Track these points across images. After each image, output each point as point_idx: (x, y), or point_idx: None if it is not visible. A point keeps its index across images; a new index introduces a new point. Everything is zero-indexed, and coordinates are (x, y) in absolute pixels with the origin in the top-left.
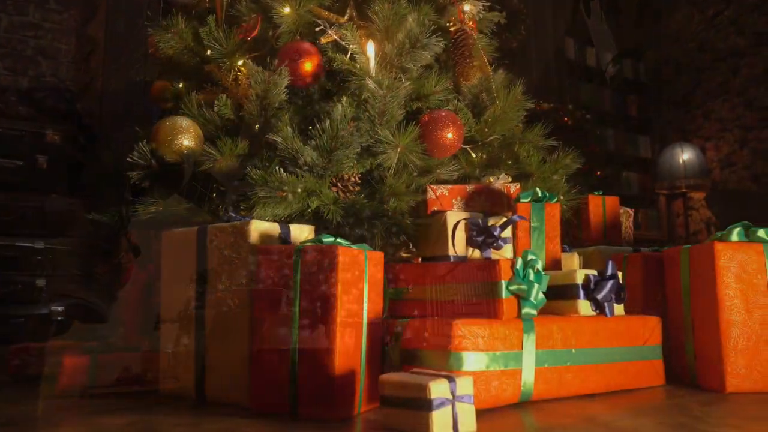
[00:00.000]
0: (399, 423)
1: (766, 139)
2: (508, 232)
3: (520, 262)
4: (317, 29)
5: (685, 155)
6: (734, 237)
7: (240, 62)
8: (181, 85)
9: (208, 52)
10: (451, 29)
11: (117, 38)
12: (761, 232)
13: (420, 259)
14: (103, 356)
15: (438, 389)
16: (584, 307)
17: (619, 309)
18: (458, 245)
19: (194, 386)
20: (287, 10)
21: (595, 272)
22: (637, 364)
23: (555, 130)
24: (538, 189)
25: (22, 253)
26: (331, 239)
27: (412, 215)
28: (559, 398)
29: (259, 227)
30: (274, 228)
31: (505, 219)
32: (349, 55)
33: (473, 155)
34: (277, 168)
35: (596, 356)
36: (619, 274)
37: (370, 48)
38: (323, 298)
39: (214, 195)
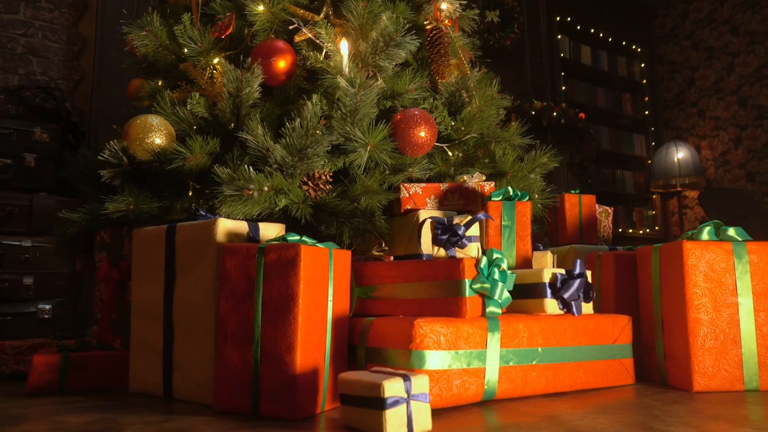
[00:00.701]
0: (356, 421)
1: (761, 138)
2: (474, 231)
3: (484, 260)
4: (291, 27)
5: (680, 154)
6: (704, 236)
7: (215, 60)
8: (160, 83)
9: (185, 51)
10: (427, 27)
11: (107, 36)
12: (731, 231)
13: (392, 258)
14: (75, 354)
15: (392, 388)
16: (551, 305)
17: (587, 308)
18: (425, 244)
19: (162, 385)
20: (261, 8)
21: (562, 271)
22: (606, 363)
23: (547, 129)
24: (509, 187)
25: (10, 251)
26: (297, 238)
27: (386, 214)
28: (525, 397)
29: (226, 226)
30: (242, 226)
31: (470, 218)
32: (324, 54)
33: (450, 153)
34: (246, 166)
35: (564, 355)
36: (588, 273)
37: (344, 46)
38: (285, 296)
39: (191, 193)
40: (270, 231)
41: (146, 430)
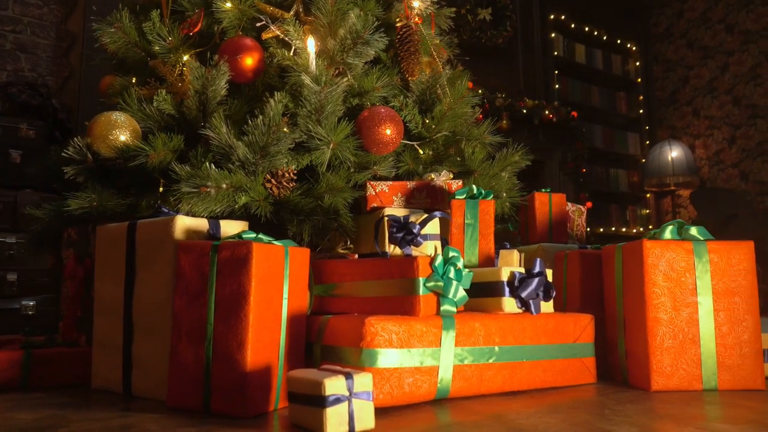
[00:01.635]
0: (301, 419)
1: (754, 137)
2: (432, 229)
3: (439, 259)
4: (258, 24)
5: (674, 153)
6: (667, 235)
7: (185, 57)
8: (134, 80)
9: (155, 48)
10: (398, 25)
11: (95, 33)
12: (693, 230)
13: (357, 256)
14: (38, 351)
15: (333, 386)
16: (509, 304)
17: (547, 306)
18: (382, 242)
19: (122, 382)
20: (228, 5)
21: (522, 270)
22: (567, 362)
23: (539, 127)
24: (474, 186)
25: None
26: (252, 235)
27: (355, 212)
28: (481, 395)
29: (185, 223)
30: (201, 224)
31: (425, 216)
32: (293, 51)
33: (420, 152)
34: (208, 163)
35: (522, 353)
36: (549, 272)
37: (310, 43)
38: (236, 294)
39: (161, 189)
40: (232, 229)
41: (90, 427)
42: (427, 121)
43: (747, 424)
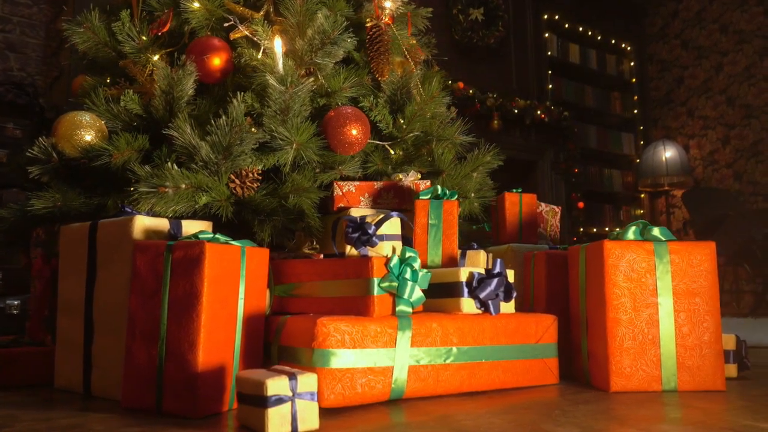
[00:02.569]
0: (247, 419)
1: (748, 137)
2: (390, 229)
3: (395, 259)
4: (226, 25)
5: (668, 153)
6: (630, 235)
7: (155, 57)
8: (108, 80)
9: (126, 48)
10: (367, 25)
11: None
12: (656, 231)
13: (322, 256)
14: (2, 351)
15: (275, 386)
16: (467, 304)
17: (508, 307)
18: (339, 242)
19: (82, 382)
20: (196, 5)
21: (481, 270)
22: (528, 363)
23: (531, 127)
24: (438, 186)
25: None
26: (209, 236)
27: (321, 212)
28: (437, 396)
29: (144, 223)
30: (162, 224)
31: (381, 216)
32: (261, 51)
33: (392, 152)
34: (170, 163)
35: (481, 354)
36: (511, 272)
37: (277, 44)
38: (189, 294)
39: (133, 189)
40: (195, 229)
41: (37, 427)
42: (401, 121)
43: (692, 425)
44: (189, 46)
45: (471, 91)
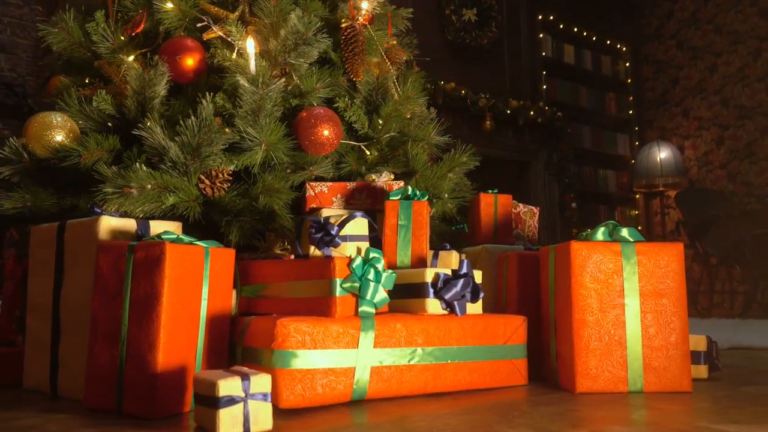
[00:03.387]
0: (201, 420)
1: (742, 138)
2: (355, 230)
3: (358, 260)
4: (199, 25)
5: (662, 154)
6: (599, 236)
7: (131, 58)
8: (86, 80)
9: (102, 48)
10: (342, 26)
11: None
12: (624, 232)
13: (293, 257)
14: None
15: (227, 387)
16: (432, 305)
17: (475, 308)
18: (304, 243)
19: (49, 382)
20: (169, 5)
21: (448, 271)
22: (496, 364)
23: (524, 127)
24: (409, 187)
25: None
26: (173, 236)
27: (294, 212)
28: (401, 397)
29: (111, 223)
30: (129, 224)
31: (345, 217)
32: (236, 52)
33: (367, 152)
34: (138, 164)
35: (447, 355)
36: (479, 273)
37: (250, 44)
38: (149, 294)
39: (95, 190)
40: (163, 229)
41: None
42: (380, 121)
43: (645, 426)
44: (162, 47)
45: (463, 92)
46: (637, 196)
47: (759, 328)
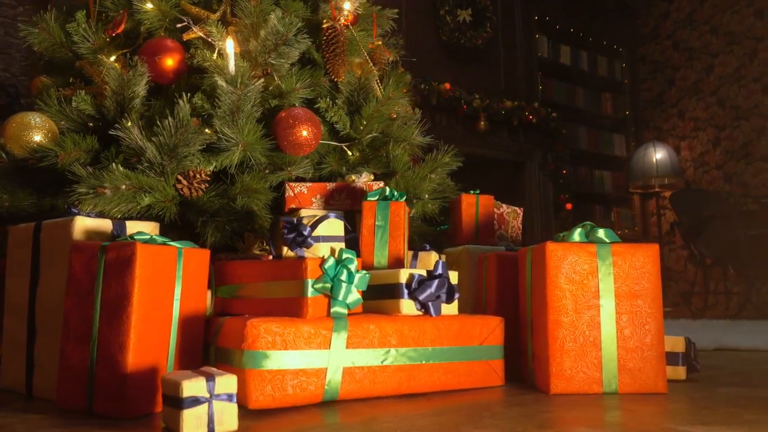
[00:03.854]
0: (168, 420)
1: (738, 139)
2: (329, 231)
3: (330, 261)
4: (179, 26)
5: (658, 154)
6: (576, 237)
7: (112, 58)
8: (71, 80)
9: (83, 49)
10: (323, 26)
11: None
12: (601, 233)
13: (271, 257)
14: None
15: (191, 388)
16: (407, 306)
17: (451, 309)
18: (277, 244)
19: (24, 382)
20: (149, 6)
21: (423, 272)
22: (472, 365)
23: (518, 128)
24: (387, 187)
25: None
26: (146, 237)
27: (274, 213)
28: (373, 398)
29: (85, 224)
30: (104, 225)
31: (318, 217)
32: (216, 52)
33: (349, 153)
34: (115, 164)
35: (421, 356)
36: (455, 274)
37: (229, 45)
38: (120, 295)
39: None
40: (140, 230)
41: None
42: (365, 122)
43: (611, 428)
44: (142, 47)
45: (457, 92)
46: (634, 196)
47: (748, 329)
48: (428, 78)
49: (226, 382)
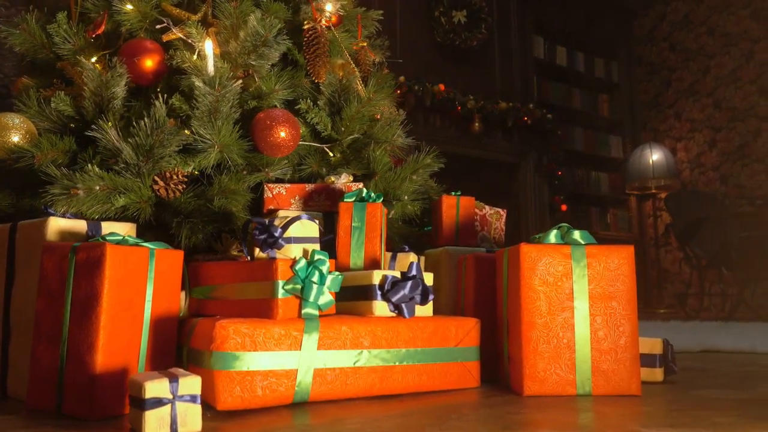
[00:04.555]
0: (132, 421)
1: (734, 140)
2: (297, 232)
3: (302, 262)
4: (158, 27)
5: (655, 156)
6: (551, 239)
7: (93, 59)
8: (55, 81)
9: (64, 50)
10: (304, 28)
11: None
12: (576, 234)
13: (249, 258)
14: None
15: (154, 389)
16: (380, 308)
17: (425, 310)
18: (249, 245)
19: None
20: (129, 7)
21: (397, 273)
22: (447, 366)
23: (513, 129)
24: (364, 189)
25: None
26: (118, 238)
27: (253, 214)
28: (344, 399)
29: (59, 224)
30: (79, 225)
31: (289, 218)
32: (196, 53)
33: (330, 154)
34: (91, 165)
35: (394, 357)
36: (430, 275)
37: (208, 46)
38: (90, 296)
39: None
40: (116, 230)
41: None
42: (348, 123)
43: (577, 429)
44: (121, 48)
45: (452, 93)
46: (631, 198)
47: (738, 331)
48: (422, 79)
49: (190, 383)
